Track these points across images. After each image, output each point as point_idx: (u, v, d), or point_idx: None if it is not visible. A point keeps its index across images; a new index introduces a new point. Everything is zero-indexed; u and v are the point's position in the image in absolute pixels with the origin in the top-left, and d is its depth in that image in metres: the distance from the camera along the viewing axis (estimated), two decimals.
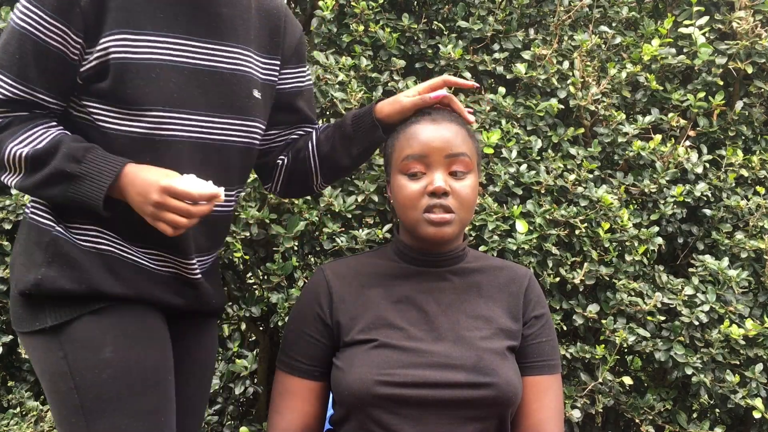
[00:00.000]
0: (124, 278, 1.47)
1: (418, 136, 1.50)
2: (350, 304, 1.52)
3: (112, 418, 1.39)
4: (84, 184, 1.37)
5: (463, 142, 1.51)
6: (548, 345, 1.57)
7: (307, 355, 1.52)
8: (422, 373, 1.44)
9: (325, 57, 2.40)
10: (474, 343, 1.48)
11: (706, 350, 2.34)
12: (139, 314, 1.48)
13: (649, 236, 2.35)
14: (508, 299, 1.56)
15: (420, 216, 1.47)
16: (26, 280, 1.44)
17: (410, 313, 1.51)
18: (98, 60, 1.40)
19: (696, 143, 2.58)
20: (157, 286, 1.51)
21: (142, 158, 1.42)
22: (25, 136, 1.39)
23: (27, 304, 1.46)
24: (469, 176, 1.50)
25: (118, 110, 1.42)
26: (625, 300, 2.31)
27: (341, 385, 1.46)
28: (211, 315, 1.67)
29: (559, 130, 2.47)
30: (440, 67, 2.50)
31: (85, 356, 1.41)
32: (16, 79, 1.39)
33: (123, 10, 1.40)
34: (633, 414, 2.38)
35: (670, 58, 2.54)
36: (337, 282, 1.54)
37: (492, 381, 1.44)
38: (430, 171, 1.48)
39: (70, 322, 1.43)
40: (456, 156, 1.49)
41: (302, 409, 1.52)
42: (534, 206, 2.31)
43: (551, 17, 2.63)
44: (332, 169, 1.69)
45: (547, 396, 1.54)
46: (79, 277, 1.43)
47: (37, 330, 1.45)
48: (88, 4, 1.38)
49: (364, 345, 1.47)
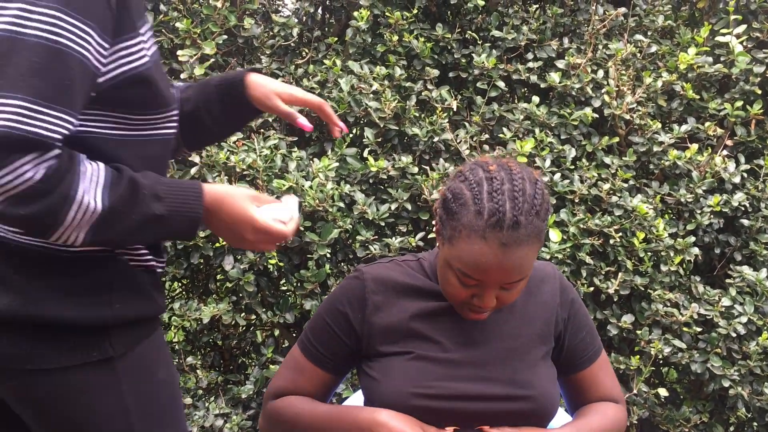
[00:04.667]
0: (162, 290, 1.37)
1: (479, 260, 1.32)
2: (386, 313, 1.52)
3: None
4: (173, 221, 1.21)
5: (529, 263, 1.35)
6: (588, 336, 1.57)
7: (326, 347, 1.53)
8: (458, 386, 1.43)
9: (359, 67, 2.43)
10: (510, 354, 1.48)
11: (744, 362, 2.30)
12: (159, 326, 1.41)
13: (685, 246, 2.32)
14: (542, 303, 1.56)
15: (459, 305, 1.47)
16: (92, 316, 1.22)
17: (446, 326, 1.51)
18: (120, 67, 1.20)
19: (733, 152, 2.55)
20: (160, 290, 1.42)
21: (164, 160, 1.35)
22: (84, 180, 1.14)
23: (66, 335, 1.21)
24: (522, 283, 1.39)
25: (148, 116, 1.26)
26: (660, 311, 2.29)
27: (375, 394, 1.47)
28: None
29: (594, 139, 2.46)
30: (474, 76, 2.51)
31: (143, 383, 1.29)
32: (68, 111, 1.11)
33: (128, 9, 1.20)
34: (668, 426, 2.35)
35: (707, 67, 2.51)
36: (374, 290, 1.54)
37: (529, 394, 1.44)
38: (482, 286, 1.36)
39: (130, 350, 1.26)
40: (515, 282, 1.37)
41: (304, 387, 1.54)
42: (568, 215, 2.30)
43: (586, 26, 2.62)
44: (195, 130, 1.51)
45: (600, 376, 1.57)
46: (144, 300, 1.29)
47: (82, 363, 1.22)
48: (115, 8, 1.16)
49: (400, 356, 1.47)
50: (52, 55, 1.08)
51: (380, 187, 2.38)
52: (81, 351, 1.22)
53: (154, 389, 1.31)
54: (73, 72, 1.10)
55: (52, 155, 1.10)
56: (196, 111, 1.48)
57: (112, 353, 1.23)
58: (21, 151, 1.07)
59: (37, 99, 1.07)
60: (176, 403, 1.38)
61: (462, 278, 1.38)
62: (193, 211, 1.22)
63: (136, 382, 1.27)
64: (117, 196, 1.16)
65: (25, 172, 1.07)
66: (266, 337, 2.60)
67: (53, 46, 1.08)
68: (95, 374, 1.23)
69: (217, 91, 1.47)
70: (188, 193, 1.23)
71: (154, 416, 1.31)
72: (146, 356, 1.30)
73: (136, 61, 1.21)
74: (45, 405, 1.24)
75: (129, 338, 1.26)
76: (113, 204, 1.15)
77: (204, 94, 1.48)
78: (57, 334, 1.21)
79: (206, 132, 1.52)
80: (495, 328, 1.51)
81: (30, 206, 1.09)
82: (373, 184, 2.40)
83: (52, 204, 1.10)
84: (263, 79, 1.47)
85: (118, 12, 1.16)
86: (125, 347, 1.25)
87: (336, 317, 1.54)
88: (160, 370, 1.32)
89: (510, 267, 1.33)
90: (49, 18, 1.08)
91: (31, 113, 1.07)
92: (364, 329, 1.51)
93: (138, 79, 1.22)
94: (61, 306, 1.20)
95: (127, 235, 1.20)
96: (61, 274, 1.21)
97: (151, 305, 1.30)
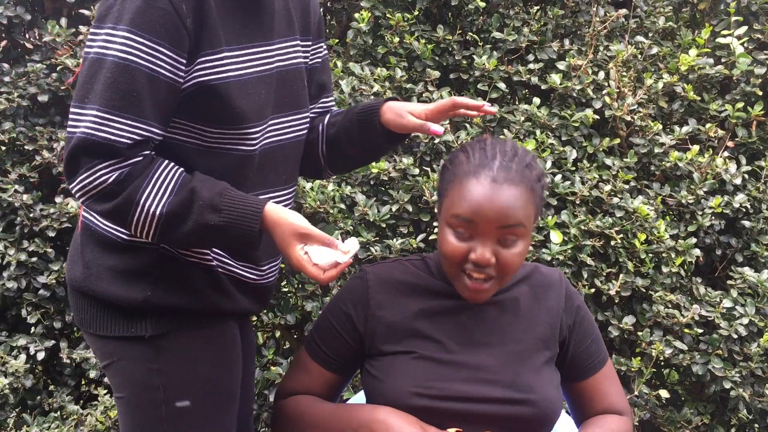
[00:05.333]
0: (227, 292, 1.45)
1: (471, 197, 1.35)
2: (388, 313, 1.52)
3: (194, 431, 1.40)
4: (230, 232, 1.31)
5: (523, 208, 1.36)
6: (594, 344, 1.56)
7: (330, 347, 1.54)
8: (459, 387, 1.43)
9: (360, 68, 2.43)
10: (512, 358, 1.48)
11: (745, 364, 2.30)
12: (227, 328, 1.48)
13: (686, 248, 2.32)
14: (547, 308, 1.55)
15: (458, 273, 1.43)
16: (129, 296, 1.38)
17: (448, 326, 1.50)
18: (196, 81, 1.33)
19: (734, 154, 2.55)
20: (247, 296, 1.51)
21: (242, 173, 1.41)
22: (151, 187, 1.29)
23: (115, 309, 1.39)
24: (519, 243, 1.38)
25: (221, 130, 1.36)
26: (661, 312, 2.29)
27: (377, 393, 1.47)
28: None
29: (595, 141, 2.46)
30: (474, 77, 2.51)
31: (180, 370, 1.39)
32: (136, 119, 1.26)
33: (211, 29, 1.32)
34: (670, 428, 2.35)
35: (708, 68, 2.52)
36: (377, 289, 1.54)
37: (529, 398, 1.43)
38: (477, 237, 1.36)
39: (168, 334, 1.39)
40: (510, 227, 1.36)
41: (311, 388, 1.55)
42: (569, 217, 2.30)
43: (587, 27, 2.62)
44: (337, 153, 1.61)
45: (605, 385, 1.56)
46: (188, 294, 1.40)
47: (128, 337, 1.39)
48: (191, 25, 1.29)
49: (401, 356, 1.47)
50: (122, 71, 1.25)
51: (381, 188, 2.38)
52: (122, 325, 1.39)
53: (189, 378, 1.40)
54: (140, 84, 1.26)
55: (129, 162, 1.27)
56: (337, 135, 1.57)
57: (145, 333, 1.38)
58: (101, 156, 1.25)
59: (109, 109, 1.25)
60: (216, 404, 1.42)
61: (457, 229, 1.38)
62: (249, 228, 1.32)
63: (171, 365, 1.38)
64: (176, 204, 1.29)
65: (102, 175, 1.26)
66: (267, 339, 2.60)
67: (123, 63, 1.25)
68: (135, 348, 1.39)
69: (358, 117, 1.55)
70: (248, 210, 1.32)
71: (189, 410, 1.38)
72: (188, 346, 1.40)
73: (212, 75, 1.32)
74: (102, 363, 1.45)
75: (167, 324, 1.38)
76: (171, 210, 1.29)
77: (347, 120, 1.57)
78: (107, 307, 1.40)
79: (344, 156, 1.60)
80: (498, 330, 1.51)
81: (104, 204, 1.28)
82: (374, 186, 2.41)
83: (120, 205, 1.28)
84: (399, 102, 1.53)
85: (196, 32, 1.30)
86: (162, 330, 1.38)
87: (339, 318, 1.54)
88: (200, 364, 1.41)
89: (502, 205, 1.34)
90: (123, 39, 1.25)
91: (104, 121, 1.25)
92: (367, 329, 1.51)
93: (209, 92, 1.33)
94: (108, 284, 1.39)
95: (187, 240, 1.33)
96: (115, 257, 1.40)
97: (196, 300, 1.40)
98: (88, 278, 1.42)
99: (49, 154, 2.44)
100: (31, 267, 2.40)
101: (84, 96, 1.27)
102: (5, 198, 2.38)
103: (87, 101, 1.26)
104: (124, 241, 1.39)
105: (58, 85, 2.48)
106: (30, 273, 2.40)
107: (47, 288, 2.41)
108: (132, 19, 1.25)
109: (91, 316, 1.43)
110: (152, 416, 1.39)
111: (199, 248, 1.39)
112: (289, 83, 1.49)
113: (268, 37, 1.43)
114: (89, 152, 1.25)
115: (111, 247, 1.41)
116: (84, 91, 1.27)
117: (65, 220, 2.39)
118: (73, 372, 2.52)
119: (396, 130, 1.50)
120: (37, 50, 2.57)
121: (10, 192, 2.39)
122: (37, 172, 2.47)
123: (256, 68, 1.39)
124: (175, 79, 1.30)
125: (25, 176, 2.45)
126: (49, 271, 2.41)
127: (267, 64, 1.42)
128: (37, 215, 2.40)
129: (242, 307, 1.51)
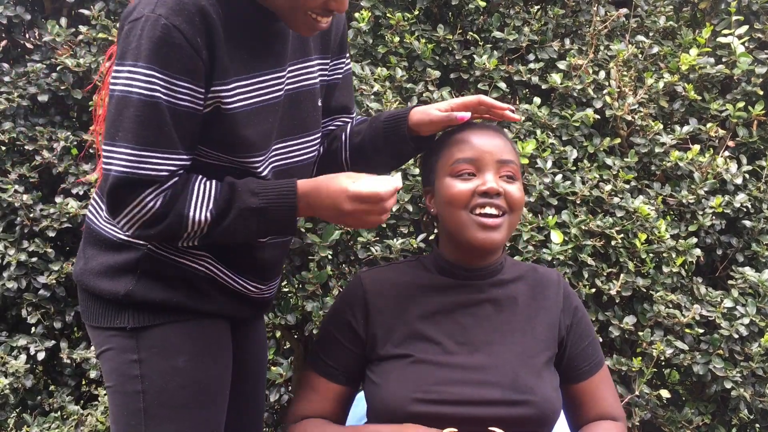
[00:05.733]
0: (210, 296, 1.49)
1: (469, 140, 1.50)
2: (387, 316, 1.52)
3: (171, 425, 1.42)
4: (270, 213, 1.38)
5: (510, 151, 1.52)
6: (590, 346, 1.56)
7: (335, 359, 1.53)
8: (458, 390, 1.43)
9: (360, 68, 2.42)
10: (511, 359, 1.47)
11: (746, 364, 2.29)
12: (214, 327, 1.50)
13: (687, 248, 2.32)
14: (545, 308, 1.55)
15: (469, 217, 1.46)
16: (113, 290, 1.44)
17: (446, 326, 1.50)
18: (208, 109, 1.38)
19: (735, 154, 2.54)
20: (235, 303, 1.54)
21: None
22: (195, 199, 1.36)
23: (105, 302, 1.46)
24: (517, 182, 1.51)
25: (227, 156, 1.42)
26: (662, 312, 2.29)
27: (376, 400, 1.47)
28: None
29: (595, 140, 2.46)
30: (475, 77, 2.51)
31: (159, 362, 1.43)
32: (169, 151, 1.33)
33: (220, 60, 1.36)
34: (670, 428, 2.35)
35: (709, 68, 2.51)
36: (374, 293, 1.54)
37: (529, 399, 1.43)
38: (481, 173, 1.48)
39: (150, 327, 1.44)
40: (507, 162, 1.49)
41: (323, 407, 1.54)
42: (569, 217, 2.30)
43: (587, 27, 2.62)
44: (361, 161, 1.64)
45: (600, 389, 1.56)
46: (169, 292, 1.45)
47: (113, 327, 1.45)
48: (206, 57, 1.34)
49: (400, 360, 1.47)
50: (148, 107, 1.30)
51: None
52: (109, 317, 1.46)
53: (167, 371, 1.43)
54: (166, 118, 1.31)
55: (169, 184, 1.34)
56: (362, 144, 1.61)
57: (127, 324, 1.44)
58: (142, 186, 1.32)
59: (142, 145, 1.31)
60: (196, 401, 1.45)
61: (460, 173, 1.48)
62: (288, 201, 1.38)
63: (152, 357, 1.43)
64: (220, 200, 1.37)
65: (148, 203, 1.33)
66: (268, 339, 2.60)
67: (149, 100, 1.30)
68: (119, 338, 1.45)
69: (384, 126, 1.58)
70: (282, 187, 1.39)
71: (164, 394, 1.42)
72: (169, 339, 1.44)
73: (221, 104, 1.38)
74: (96, 352, 1.51)
75: (149, 317, 1.44)
76: (219, 208, 1.36)
77: (372, 128, 1.60)
78: (98, 300, 1.47)
79: (369, 164, 1.62)
80: (497, 330, 1.51)
81: (156, 227, 1.35)
82: None
83: (172, 223, 1.35)
84: (423, 106, 1.58)
85: (210, 63, 1.35)
86: (143, 323, 1.43)
87: (340, 327, 1.53)
88: (181, 356, 1.44)
89: (496, 142, 1.50)
90: (146, 77, 1.29)
91: (139, 158, 1.31)
92: (368, 334, 1.51)
93: (217, 120, 1.38)
94: (98, 278, 1.46)
95: (233, 230, 1.38)
96: (108, 253, 1.46)
97: (174, 297, 1.45)
98: (84, 272, 1.49)
99: (49, 154, 2.43)
100: (31, 267, 2.40)
101: (114, 134, 1.32)
102: (5, 198, 2.38)
103: (118, 139, 1.31)
104: (118, 240, 1.46)
105: (58, 85, 2.48)
106: (30, 273, 2.40)
107: (47, 288, 2.41)
108: (150, 56, 1.29)
109: (86, 307, 1.51)
110: (132, 406, 1.43)
111: (243, 239, 1.43)
112: (299, 105, 1.51)
113: (280, 63, 1.46)
114: (130, 187, 1.32)
115: (106, 245, 1.47)
116: (114, 129, 1.32)
117: (65, 220, 2.39)
118: (74, 372, 2.52)
119: (425, 131, 1.55)
120: (37, 50, 2.57)
121: (10, 192, 2.39)
122: (37, 172, 2.47)
123: (263, 97, 1.43)
124: (196, 108, 1.35)
125: (25, 176, 2.45)
126: (49, 271, 2.40)
127: (276, 91, 1.45)
128: (37, 215, 2.40)
129: (228, 312, 1.53)
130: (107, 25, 2.49)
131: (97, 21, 2.49)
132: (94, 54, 2.49)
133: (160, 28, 1.28)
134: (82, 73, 2.48)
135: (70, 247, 2.56)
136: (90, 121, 2.52)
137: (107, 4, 2.56)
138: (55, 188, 2.51)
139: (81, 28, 2.50)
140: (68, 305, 2.46)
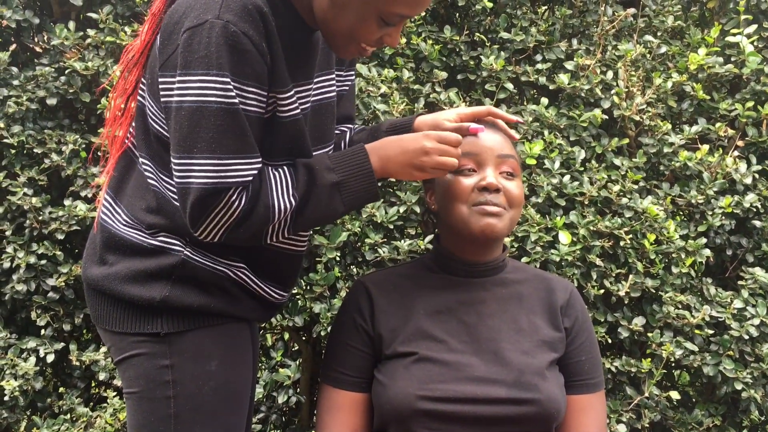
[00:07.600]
0: (241, 300, 1.49)
1: (466, 142, 1.51)
2: (391, 316, 1.52)
3: (201, 430, 1.42)
4: (351, 183, 1.40)
5: (510, 147, 1.54)
6: (588, 363, 1.53)
7: (353, 367, 1.52)
8: (463, 388, 1.43)
9: (367, 69, 2.42)
10: (516, 357, 1.47)
11: (757, 365, 2.28)
12: (240, 331, 1.50)
13: (696, 248, 2.31)
14: (549, 310, 1.55)
15: (470, 210, 1.47)
16: (147, 296, 1.42)
17: (451, 324, 1.50)
18: (268, 115, 1.41)
19: (744, 153, 2.53)
20: (259, 308, 1.55)
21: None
22: (276, 187, 1.37)
23: (134, 307, 1.43)
24: (516, 179, 1.52)
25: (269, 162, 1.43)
26: (672, 313, 2.27)
27: (382, 398, 1.46)
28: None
29: (603, 141, 2.45)
30: (482, 78, 2.50)
31: (192, 367, 1.42)
32: (250, 155, 1.34)
33: (279, 65, 1.37)
34: (681, 430, 2.33)
35: (717, 67, 2.50)
36: (377, 293, 1.54)
37: (534, 397, 1.43)
38: (481, 169, 1.50)
39: (184, 333, 1.43)
40: (507, 157, 1.51)
41: (351, 422, 1.51)
42: (577, 217, 2.29)
43: (595, 27, 2.61)
44: None
45: (586, 415, 1.51)
46: (206, 297, 1.44)
47: (143, 333, 1.43)
48: (269, 63, 1.35)
49: (404, 358, 1.47)
50: (231, 115, 1.30)
51: (389, 189, 2.38)
52: (139, 322, 1.43)
53: (200, 375, 1.42)
54: (245, 125, 1.32)
55: (249, 182, 1.33)
56: None
57: (161, 330, 1.41)
58: (227, 191, 1.31)
59: (227, 154, 1.30)
60: (226, 405, 1.44)
61: (462, 166, 1.49)
62: (364, 167, 1.40)
63: (184, 362, 1.42)
64: (301, 184, 1.37)
65: (233, 202, 1.32)
66: (276, 341, 2.60)
67: (230, 107, 1.29)
68: (149, 343, 1.42)
69: (387, 135, 1.58)
70: (353, 155, 1.41)
71: (195, 399, 1.41)
72: (201, 344, 1.43)
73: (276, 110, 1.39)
74: (117, 358, 1.47)
75: (182, 322, 1.42)
76: (302, 192, 1.37)
77: (373, 138, 1.60)
78: (125, 305, 1.43)
79: None
80: (502, 328, 1.50)
81: (246, 225, 1.34)
82: (382, 187, 2.40)
83: (260, 216, 1.34)
84: (429, 114, 1.60)
85: (272, 68, 1.35)
86: (177, 328, 1.42)
87: (349, 331, 1.53)
88: (213, 362, 1.43)
89: (496, 138, 1.53)
90: (222, 85, 1.28)
91: (225, 167, 1.30)
92: (375, 333, 1.51)
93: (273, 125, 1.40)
94: (128, 285, 1.42)
95: (319, 210, 1.39)
96: (136, 259, 1.43)
97: (211, 301, 1.44)
98: (107, 278, 1.45)
99: (57, 157, 2.44)
100: (41, 269, 2.41)
101: (191, 146, 1.30)
102: (14, 201, 2.39)
103: (197, 150, 1.29)
104: (149, 246, 1.44)
105: (67, 88, 2.49)
106: (39, 275, 2.41)
107: (56, 290, 2.42)
108: (223, 64, 1.28)
109: (107, 313, 1.47)
110: (161, 412, 1.41)
111: (327, 220, 1.44)
112: (320, 117, 1.52)
113: (310, 75, 1.47)
114: (216, 195, 1.31)
115: (132, 250, 1.45)
116: (191, 141, 1.30)
117: (74, 223, 2.40)
118: (83, 374, 2.52)
119: None
120: (46, 54, 2.58)
121: (19, 195, 2.40)
122: (46, 175, 2.48)
123: (304, 106, 1.44)
124: (261, 113, 1.37)
125: (34, 179, 2.46)
126: (59, 274, 2.41)
127: (306, 102, 1.46)
128: (46, 218, 2.40)
129: (250, 316, 1.54)
130: (115, 29, 2.50)
131: (105, 25, 2.50)
132: (102, 57, 2.50)
133: (230, 35, 1.27)
134: (90, 77, 2.49)
135: (78, 250, 2.57)
136: (98, 124, 2.53)
137: (115, 8, 2.57)
138: (64, 191, 2.52)
139: (89, 31, 2.51)
140: (77, 307, 2.47)
